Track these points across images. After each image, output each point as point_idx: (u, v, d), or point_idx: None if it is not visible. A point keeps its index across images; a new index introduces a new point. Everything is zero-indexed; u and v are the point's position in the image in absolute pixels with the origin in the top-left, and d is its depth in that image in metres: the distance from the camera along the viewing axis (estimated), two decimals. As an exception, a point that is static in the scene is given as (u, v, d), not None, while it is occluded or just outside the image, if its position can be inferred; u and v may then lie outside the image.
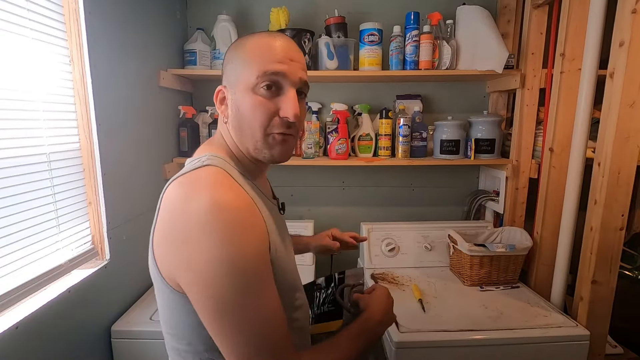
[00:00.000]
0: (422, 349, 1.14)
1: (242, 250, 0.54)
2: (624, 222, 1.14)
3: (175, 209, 0.56)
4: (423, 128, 1.64)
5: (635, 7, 1.01)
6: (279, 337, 0.57)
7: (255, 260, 0.55)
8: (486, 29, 1.51)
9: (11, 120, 0.87)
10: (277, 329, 0.57)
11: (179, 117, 1.64)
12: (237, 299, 0.53)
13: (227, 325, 0.54)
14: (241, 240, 0.54)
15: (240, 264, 0.53)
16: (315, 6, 1.72)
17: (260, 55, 0.61)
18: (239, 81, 0.63)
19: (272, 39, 0.63)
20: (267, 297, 0.56)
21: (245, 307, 0.54)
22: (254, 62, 0.61)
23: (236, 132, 0.65)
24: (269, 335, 0.55)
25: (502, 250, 1.41)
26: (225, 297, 0.53)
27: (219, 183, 0.57)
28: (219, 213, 0.53)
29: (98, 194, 1.13)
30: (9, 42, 0.86)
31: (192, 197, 0.54)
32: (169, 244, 0.57)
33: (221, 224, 0.53)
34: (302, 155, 1.66)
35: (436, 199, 1.88)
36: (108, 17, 1.16)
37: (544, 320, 1.21)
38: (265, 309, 0.55)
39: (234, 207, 0.54)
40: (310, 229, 1.71)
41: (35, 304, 0.89)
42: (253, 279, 0.55)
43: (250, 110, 0.62)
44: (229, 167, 0.63)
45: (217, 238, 0.53)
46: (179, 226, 0.55)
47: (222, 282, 0.53)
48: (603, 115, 1.12)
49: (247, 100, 0.62)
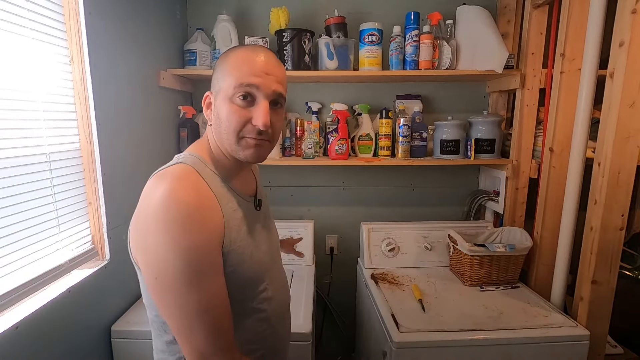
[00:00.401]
0: (422, 349, 1.14)
1: (187, 241, 0.59)
2: (624, 222, 1.14)
3: (143, 197, 0.63)
4: (423, 128, 1.64)
5: (635, 7, 1.01)
6: (216, 328, 0.62)
7: (199, 253, 0.61)
8: (486, 29, 1.51)
9: (11, 120, 0.87)
10: (215, 320, 0.62)
11: (179, 117, 1.64)
12: (176, 286, 0.60)
13: (169, 307, 0.62)
14: (187, 233, 0.59)
15: (183, 255, 0.59)
16: (315, 6, 1.72)
17: (239, 68, 0.68)
18: (221, 89, 0.69)
19: (253, 53, 0.69)
20: (207, 289, 0.62)
21: (184, 295, 0.60)
22: (233, 74, 0.68)
23: (217, 135, 0.72)
24: (206, 324, 0.61)
25: (502, 250, 1.41)
26: (166, 282, 0.60)
27: (181, 178, 0.64)
28: (171, 205, 0.59)
29: (98, 194, 1.13)
30: (9, 42, 0.86)
31: (156, 188, 0.62)
32: (135, 229, 0.65)
33: (171, 215, 0.59)
34: (302, 155, 1.66)
35: (436, 199, 1.88)
36: (108, 17, 1.16)
37: (544, 320, 1.21)
38: (204, 300, 0.61)
39: (187, 201, 0.60)
40: (310, 229, 1.71)
41: (35, 304, 0.89)
42: (194, 270, 0.60)
43: (226, 117, 0.68)
44: (201, 166, 0.69)
45: (165, 228, 0.59)
46: (141, 213, 0.63)
47: (166, 268, 0.60)
48: (603, 115, 1.12)
49: (225, 108, 0.68)
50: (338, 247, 1.91)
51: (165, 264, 0.59)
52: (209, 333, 0.61)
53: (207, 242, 0.62)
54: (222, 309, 0.64)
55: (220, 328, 0.63)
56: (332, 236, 1.90)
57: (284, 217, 1.83)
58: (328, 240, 1.90)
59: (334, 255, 1.91)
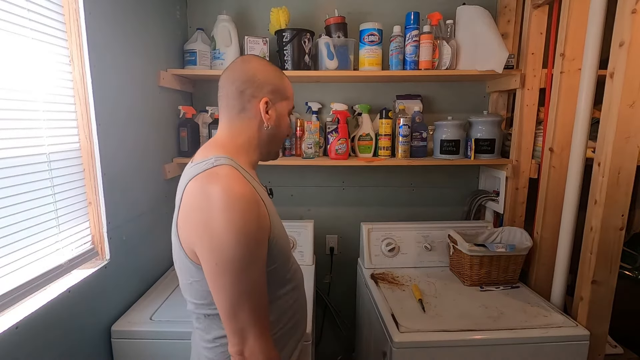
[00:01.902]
0: (422, 349, 1.14)
1: (247, 229, 0.69)
2: (624, 222, 1.14)
3: (196, 195, 0.71)
4: (423, 128, 1.64)
5: (635, 7, 1.01)
6: (259, 307, 0.72)
7: (256, 239, 0.70)
8: (486, 29, 1.51)
9: (11, 120, 0.87)
10: (259, 301, 0.72)
11: (179, 117, 1.64)
12: (234, 268, 0.68)
13: (224, 288, 0.70)
14: (247, 222, 0.69)
15: (243, 240, 0.68)
16: (315, 6, 1.72)
17: (291, 95, 0.89)
18: (283, 104, 0.86)
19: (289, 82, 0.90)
20: (256, 272, 0.71)
21: (239, 275, 0.69)
22: (290, 97, 0.88)
23: (271, 137, 0.86)
24: (252, 303, 0.70)
25: (502, 250, 1.41)
26: (225, 265, 0.68)
27: (231, 176, 0.72)
28: (233, 198, 0.69)
29: (98, 194, 1.13)
30: (9, 42, 0.86)
31: (211, 185, 0.70)
32: (191, 222, 0.72)
33: (235, 207, 0.68)
34: (302, 155, 1.66)
35: (436, 199, 1.88)
36: (108, 17, 1.16)
37: (544, 320, 1.21)
38: (254, 281, 0.71)
39: (244, 194, 0.70)
40: (310, 229, 1.71)
41: (35, 304, 0.89)
42: (250, 253, 0.69)
43: (288, 127, 0.89)
44: (236, 165, 0.77)
45: (230, 217, 0.68)
46: (201, 207, 0.70)
47: (227, 252, 0.68)
48: (603, 115, 1.12)
49: (287, 120, 0.88)
50: (338, 247, 1.91)
51: (227, 249, 0.68)
52: (252, 311, 0.70)
53: (261, 230, 0.72)
54: (264, 292, 0.73)
55: (262, 308, 0.72)
56: (332, 236, 1.90)
57: (284, 217, 1.82)
58: (328, 240, 1.90)
59: (334, 255, 1.91)
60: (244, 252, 0.68)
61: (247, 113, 0.82)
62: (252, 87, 0.81)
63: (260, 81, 0.82)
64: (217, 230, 0.68)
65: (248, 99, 0.81)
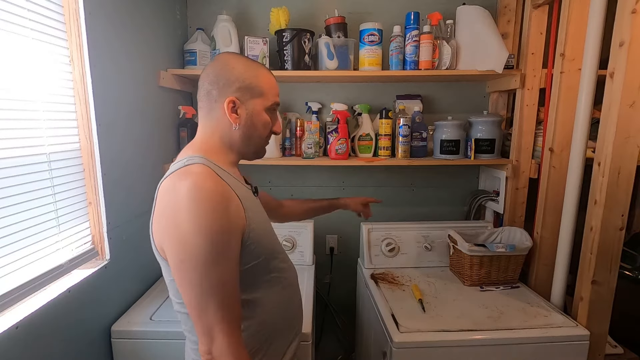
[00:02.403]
0: (422, 349, 1.14)
1: (215, 225, 0.68)
2: (624, 222, 1.14)
3: (167, 192, 0.71)
4: (423, 128, 1.64)
5: (635, 7, 1.01)
6: (226, 304, 0.69)
7: (224, 235, 0.69)
8: (486, 29, 1.51)
9: (11, 120, 0.87)
10: (226, 296, 0.69)
11: (179, 117, 1.64)
12: (199, 264, 0.67)
13: (190, 285, 0.68)
14: (215, 218, 0.68)
15: (210, 236, 0.67)
16: (315, 6, 1.72)
17: (270, 89, 0.83)
18: (256, 101, 0.81)
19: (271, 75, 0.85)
20: (224, 268, 0.69)
21: (205, 272, 0.68)
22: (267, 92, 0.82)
23: (244, 137, 0.82)
24: (218, 299, 0.68)
25: (502, 250, 1.41)
26: (191, 261, 0.67)
27: (202, 173, 0.72)
28: (201, 194, 0.68)
29: (98, 194, 1.13)
30: (9, 42, 0.86)
31: (180, 181, 0.70)
32: (161, 219, 0.72)
33: (202, 203, 0.67)
34: (302, 155, 1.66)
35: (436, 199, 1.88)
36: (108, 17, 1.16)
37: (544, 320, 1.22)
38: (220, 278, 0.69)
39: (213, 190, 0.70)
40: (310, 229, 1.71)
41: (35, 304, 0.89)
42: (217, 250, 0.68)
43: (263, 125, 0.83)
44: (209, 164, 0.77)
45: (197, 213, 0.67)
46: (170, 203, 0.70)
47: (192, 248, 0.67)
48: (603, 115, 1.12)
49: (263, 117, 0.83)
50: (338, 247, 1.91)
51: (192, 245, 0.67)
52: (219, 309, 0.68)
53: (230, 226, 0.71)
54: (233, 289, 0.71)
55: (230, 306, 0.70)
56: (332, 236, 1.90)
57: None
58: (328, 240, 1.90)
59: (334, 255, 1.91)
60: (210, 248, 0.67)
61: (214, 114, 0.81)
62: (217, 88, 0.80)
63: (226, 80, 0.79)
64: (182, 226, 0.67)
65: (215, 99, 0.80)
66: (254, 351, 0.79)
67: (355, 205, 1.35)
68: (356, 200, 1.36)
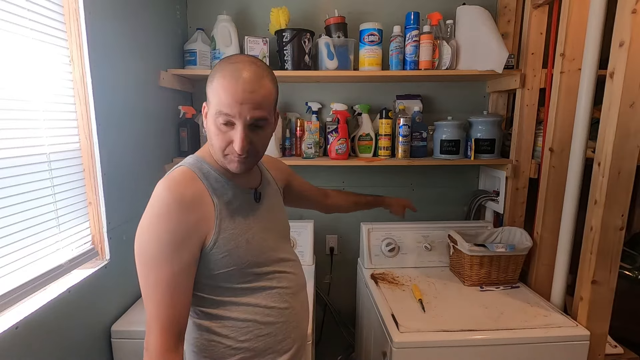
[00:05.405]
0: (422, 349, 1.14)
1: (167, 225, 0.70)
2: (624, 222, 1.14)
3: None
4: (423, 128, 1.64)
5: (635, 7, 1.01)
6: (161, 303, 0.71)
7: (174, 235, 0.70)
8: (486, 29, 1.51)
9: (11, 120, 0.87)
10: (162, 296, 0.71)
11: (179, 117, 1.64)
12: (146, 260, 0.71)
13: (140, 279, 0.73)
14: (169, 222, 0.70)
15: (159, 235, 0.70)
16: (315, 6, 1.72)
17: (219, 96, 0.72)
18: (210, 107, 0.76)
19: (233, 80, 0.71)
20: (165, 270, 0.71)
21: (149, 268, 0.71)
22: (215, 99, 0.73)
23: (210, 146, 0.80)
24: (157, 297, 0.71)
25: (502, 250, 1.41)
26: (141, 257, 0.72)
27: (175, 178, 0.75)
28: (162, 195, 0.71)
29: (98, 194, 1.13)
30: (9, 42, 0.86)
31: (159, 183, 0.74)
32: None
33: (161, 203, 0.71)
34: (302, 155, 1.66)
35: (436, 199, 1.88)
36: (108, 17, 1.16)
37: (544, 320, 1.22)
38: (159, 277, 0.71)
39: (176, 193, 0.72)
40: (310, 229, 1.71)
41: (35, 304, 0.89)
42: (159, 253, 0.70)
43: (213, 136, 0.76)
44: (200, 166, 0.79)
45: (152, 212, 0.71)
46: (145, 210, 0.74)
47: (143, 245, 0.71)
48: (603, 115, 1.12)
49: (212, 129, 0.75)
50: (338, 247, 1.91)
51: (143, 242, 0.71)
52: (157, 306, 0.71)
53: (189, 233, 0.72)
54: (176, 292, 0.72)
55: (168, 307, 0.71)
56: (332, 236, 1.90)
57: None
58: (328, 240, 1.90)
59: (334, 255, 1.91)
60: (158, 249, 0.70)
61: None
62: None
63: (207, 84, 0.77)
64: (141, 224, 0.72)
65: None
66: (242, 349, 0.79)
67: (398, 207, 1.38)
68: (400, 202, 1.39)
